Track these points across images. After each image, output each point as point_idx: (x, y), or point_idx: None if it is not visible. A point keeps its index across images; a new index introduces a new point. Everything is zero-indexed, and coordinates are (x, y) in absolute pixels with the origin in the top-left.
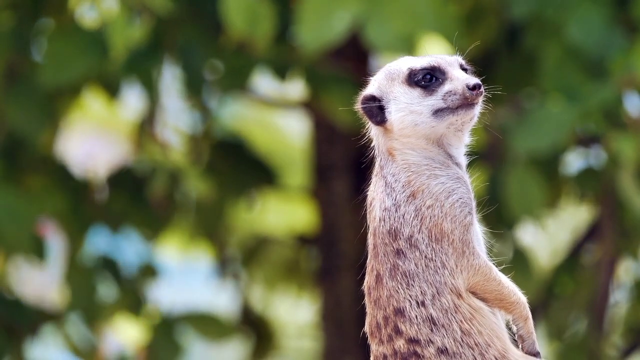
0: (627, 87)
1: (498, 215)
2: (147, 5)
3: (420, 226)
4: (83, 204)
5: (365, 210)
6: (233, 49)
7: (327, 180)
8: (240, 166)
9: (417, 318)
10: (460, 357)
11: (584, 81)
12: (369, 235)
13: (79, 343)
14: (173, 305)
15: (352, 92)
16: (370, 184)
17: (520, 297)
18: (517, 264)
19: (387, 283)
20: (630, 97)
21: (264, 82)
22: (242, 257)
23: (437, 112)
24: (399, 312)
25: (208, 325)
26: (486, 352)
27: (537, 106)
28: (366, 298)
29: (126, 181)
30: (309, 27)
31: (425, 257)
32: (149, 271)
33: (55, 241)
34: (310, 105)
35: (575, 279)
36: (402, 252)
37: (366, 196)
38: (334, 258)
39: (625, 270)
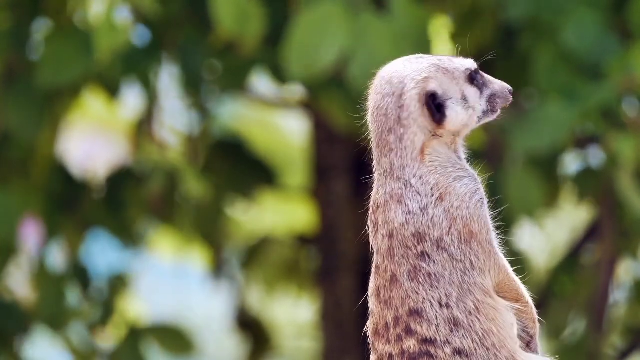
0: (626, 88)
1: (497, 216)
2: (137, 6)
3: (450, 228)
4: (77, 204)
5: (368, 210)
6: (221, 48)
7: (327, 181)
8: (239, 166)
9: (437, 319)
10: (476, 357)
11: (579, 83)
12: (377, 237)
13: (78, 344)
14: (157, 311)
15: (351, 94)
16: (376, 184)
17: (529, 297)
18: (514, 264)
19: (404, 284)
20: (629, 98)
21: (263, 82)
22: (241, 258)
23: (484, 113)
24: (415, 312)
25: (171, 339)
26: (499, 352)
27: (536, 106)
28: (373, 299)
29: (124, 181)
30: (296, 58)
31: (454, 258)
32: (120, 282)
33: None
34: (310, 106)
35: (574, 279)
36: (427, 254)
37: (369, 196)
38: (334, 258)
39: (625, 270)
